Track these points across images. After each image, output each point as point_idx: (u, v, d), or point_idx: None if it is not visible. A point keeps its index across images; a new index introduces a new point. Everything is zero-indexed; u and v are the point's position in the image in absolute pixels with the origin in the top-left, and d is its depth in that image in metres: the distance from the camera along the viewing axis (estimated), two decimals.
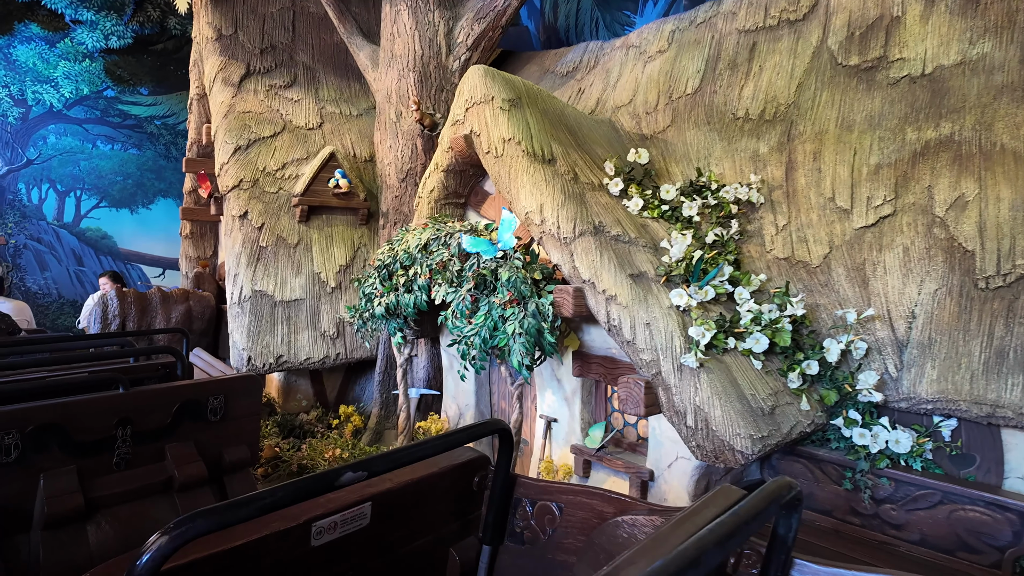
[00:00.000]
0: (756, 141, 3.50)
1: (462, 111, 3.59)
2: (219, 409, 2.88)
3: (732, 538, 1.01)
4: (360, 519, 1.54)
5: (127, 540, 2.47)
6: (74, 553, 2.34)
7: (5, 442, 2.29)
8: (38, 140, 9.09)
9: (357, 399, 5.25)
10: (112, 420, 2.56)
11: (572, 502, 1.82)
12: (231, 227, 4.80)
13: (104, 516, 2.48)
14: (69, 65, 9.18)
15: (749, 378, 2.55)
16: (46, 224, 9.14)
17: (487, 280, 3.09)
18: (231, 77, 5.36)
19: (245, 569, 1.31)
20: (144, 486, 2.61)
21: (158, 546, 1.02)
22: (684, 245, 2.83)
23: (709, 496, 1.38)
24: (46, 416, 2.38)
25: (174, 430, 2.75)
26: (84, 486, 2.44)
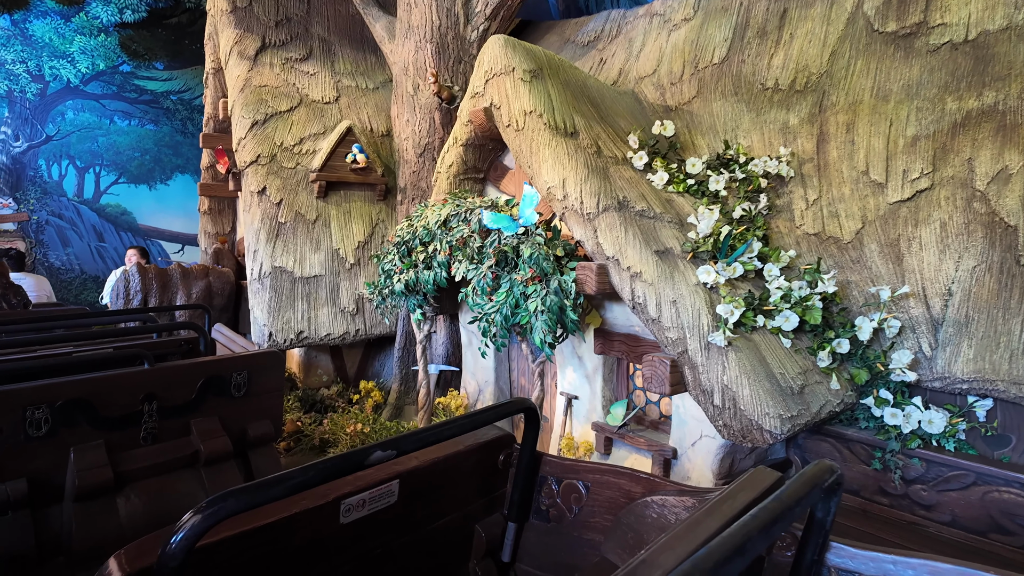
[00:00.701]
0: (786, 112, 3.38)
1: (482, 83, 3.51)
2: (243, 385, 2.88)
3: (776, 524, 0.98)
4: (388, 497, 1.53)
5: (156, 512, 2.52)
6: (105, 524, 2.39)
7: (35, 416, 2.32)
8: (56, 116, 9.12)
9: (377, 375, 5.28)
10: (138, 395, 2.59)
11: (599, 481, 1.80)
12: (250, 203, 4.78)
13: (133, 489, 2.52)
14: (85, 40, 9.15)
15: (778, 356, 2.50)
16: (67, 200, 9.23)
17: (508, 257, 3.05)
18: (246, 50, 5.29)
19: (276, 546, 1.31)
20: (171, 460, 2.65)
21: (191, 524, 1.01)
22: (711, 220, 2.76)
23: (744, 479, 1.34)
24: (74, 391, 2.41)
25: (199, 405, 2.77)
26: (113, 460, 2.47)
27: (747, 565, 0.90)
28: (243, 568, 1.27)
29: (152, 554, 1.13)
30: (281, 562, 1.34)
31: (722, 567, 0.84)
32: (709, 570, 0.82)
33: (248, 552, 1.26)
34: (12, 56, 8.67)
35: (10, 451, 2.27)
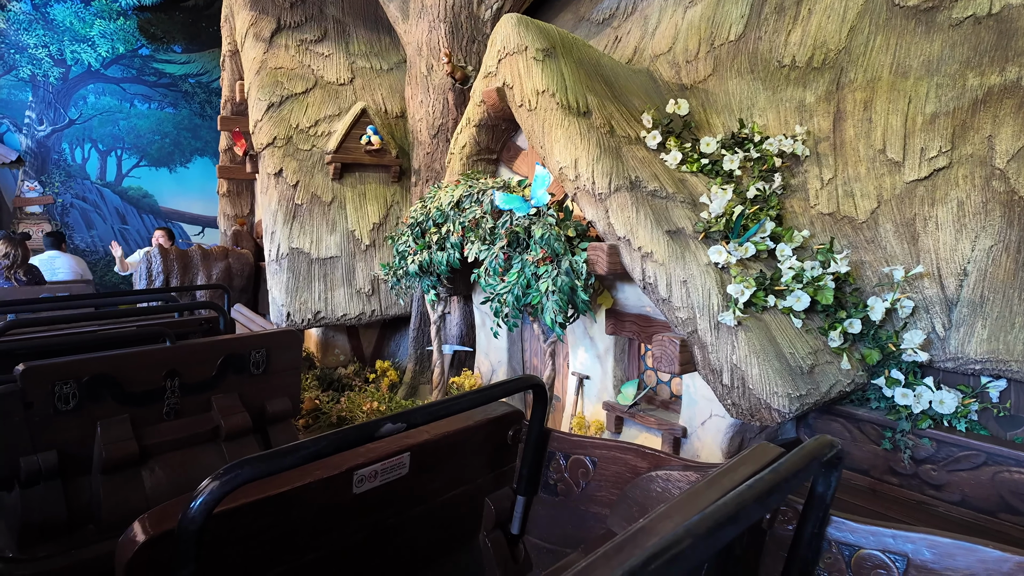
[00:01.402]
0: (802, 90, 3.33)
1: (494, 63, 3.50)
2: (261, 363, 2.96)
3: (772, 495, 1.00)
4: (399, 468, 1.58)
5: (179, 484, 2.61)
6: (131, 496, 2.49)
7: (64, 391, 2.41)
8: (78, 100, 9.26)
9: (392, 354, 5.36)
10: (161, 372, 2.68)
11: (606, 456, 1.83)
12: (267, 185, 4.85)
13: (157, 462, 2.62)
14: (104, 23, 9.24)
15: (788, 336, 2.50)
16: (90, 183, 9.40)
17: (520, 237, 3.07)
18: (262, 32, 5.32)
19: (291, 514, 1.37)
20: (192, 435, 2.73)
21: (210, 491, 1.07)
22: (724, 200, 2.74)
23: (746, 453, 1.37)
24: (100, 367, 2.50)
25: (219, 382, 2.85)
26: (137, 434, 2.57)
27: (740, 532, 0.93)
28: (259, 534, 1.33)
29: (173, 518, 1.19)
30: (296, 529, 1.39)
31: (714, 533, 0.87)
32: (701, 535, 0.85)
33: (264, 519, 1.32)
34: (35, 41, 8.79)
35: (41, 424, 2.38)
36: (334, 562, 1.51)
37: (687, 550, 0.82)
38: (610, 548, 0.98)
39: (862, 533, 1.41)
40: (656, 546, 0.79)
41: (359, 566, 1.59)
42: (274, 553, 1.37)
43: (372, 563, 1.63)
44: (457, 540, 1.89)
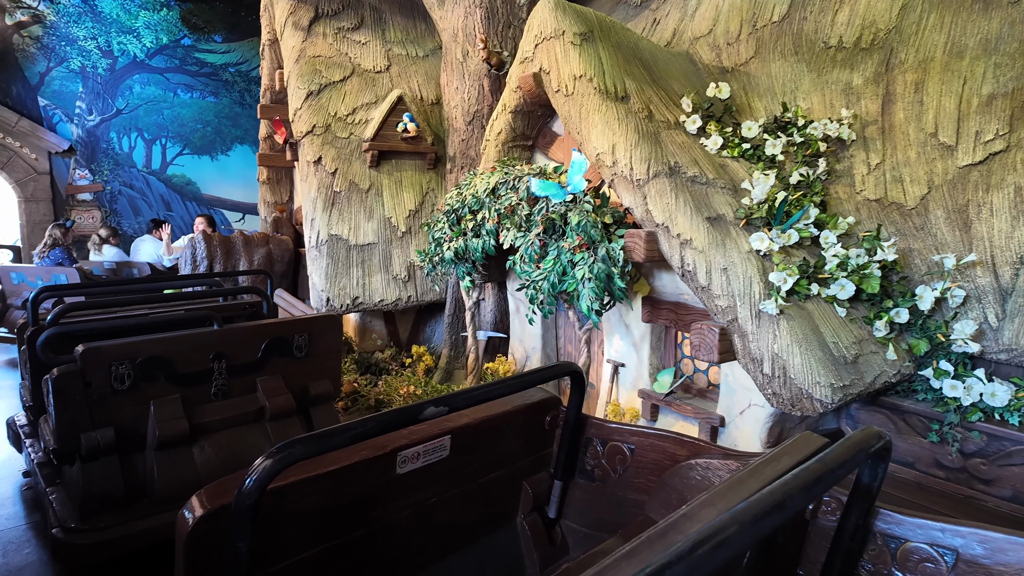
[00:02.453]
0: (849, 72, 3.23)
1: (531, 48, 3.48)
2: (304, 346, 3.05)
3: (818, 484, 1.00)
4: (440, 451, 1.62)
5: (227, 462, 2.73)
6: (183, 472, 2.63)
7: (120, 371, 2.54)
8: (125, 90, 9.55)
9: (427, 339, 5.43)
10: (209, 354, 2.78)
11: (644, 444, 1.83)
12: (307, 173, 4.93)
13: (206, 440, 2.75)
14: (148, 15, 9.48)
15: (832, 325, 2.45)
16: (136, 171, 9.71)
17: (556, 224, 3.06)
18: (301, 21, 5.39)
19: (338, 492, 1.41)
20: (239, 415, 2.85)
21: (263, 468, 1.11)
22: (767, 186, 2.69)
23: (789, 443, 1.36)
24: (153, 349, 2.61)
25: (264, 364, 2.95)
26: (187, 413, 2.69)
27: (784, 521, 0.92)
28: (309, 511, 1.38)
29: (228, 494, 1.24)
30: (342, 507, 1.44)
31: (760, 520, 0.87)
32: (747, 522, 0.85)
33: (313, 497, 1.37)
34: (83, 33, 9.08)
35: (99, 402, 2.51)
36: (378, 539, 1.56)
37: (732, 536, 0.83)
38: (654, 533, 0.98)
39: (909, 526, 1.38)
40: (702, 532, 0.80)
41: (402, 544, 1.63)
42: (322, 529, 1.42)
43: (414, 541, 1.67)
44: (495, 521, 1.92)
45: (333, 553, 1.46)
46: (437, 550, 1.76)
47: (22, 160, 8.75)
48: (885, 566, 1.39)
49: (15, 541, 2.87)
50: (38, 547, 2.84)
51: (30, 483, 3.39)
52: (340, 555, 1.47)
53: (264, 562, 1.32)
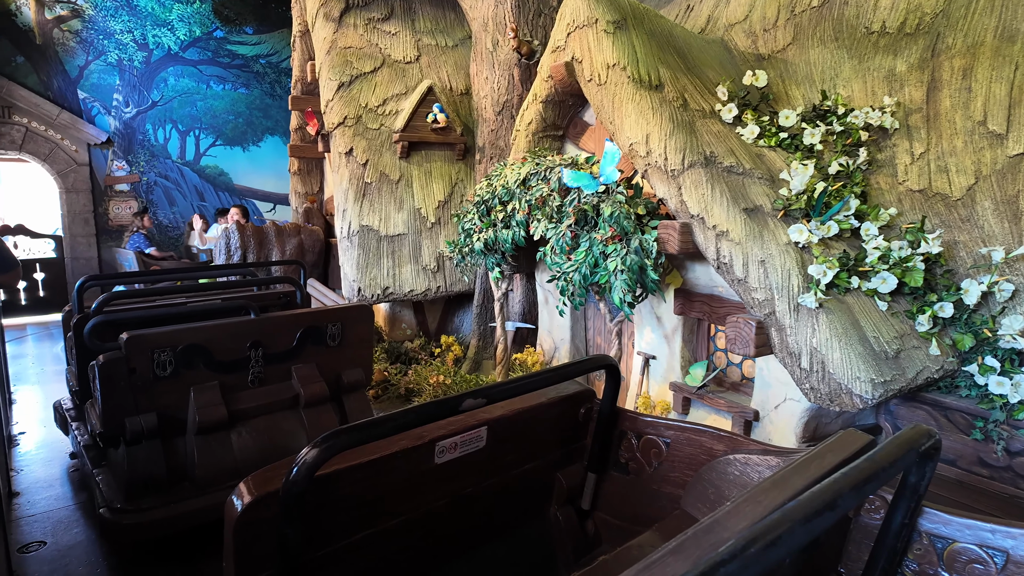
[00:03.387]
0: (893, 58, 3.13)
1: (563, 36, 3.45)
2: (337, 335, 3.10)
3: (868, 483, 0.98)
4: (477, 441, 1.63)
5: (264, 448, 2.81)
6: (222, 456, 2.71)
7: (161, 359, 2.62)
8: (160, 82, 9.73)
9: (456, 330, 5.46)
10: (246, 342, 2.84)
11: (679, 438, 1.82)
12: (338, 164, 4.98)
13: (244, 426, 2.82)
14: (182, 8, 9.63)
15: (873, 320, 2.39)
16: (171, 162, 9.91)
17: (588, 216, 3.04)
18: (332, 12, 5.42)
19: (379, 480, 1.44)
20: (275, 402, 2.92)
21: (310, 457, 1.14)
22: (806, 176, 2.63)
23: (833, 440, 1.34)
24: (193, 337, 2.68)
25: (298, 353, 3.01)
26: (226, 399, 2.76)
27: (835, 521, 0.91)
28: (351, 498, 1.40)
29: (274, 481, 1.27)
30: (383, 495, 1.47)
31: (811, 520, 0.86)
32: (799, 520, 0.84)
33: (356, 484, 1.39)
34: (120, 26, 9.27)
35: (142, 388, 2.59)
36: (417, 527, 1.58)
37: (784, 535, 0.82)
38: (699, 529, 0.98)
39: (957, 526, 1.35)
40: (754, 530, 0.79)
41: (440, 532, 1.66)
42: (364, 516, 1.44)
43: (451, 530, 1.69)
44: (529, 512, 1.94)
45: (374, 539, 1.48)
46: (473, 538, 1.78)
47: (63, 152, 9.01)
48: (931, 566, 1.36)
49: (64, 521, 2.99)
50: (86, 527, 2.96)
51: (77, 465, 3.54)
52: (380, 541, 1.50)
53: (309, 547, 1.35)
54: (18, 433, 4.16)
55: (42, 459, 3.73)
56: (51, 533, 2.87)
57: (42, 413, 4.55)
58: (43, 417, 4.47)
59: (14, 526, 2.92)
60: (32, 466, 3.62)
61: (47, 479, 3.45)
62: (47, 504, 3.15)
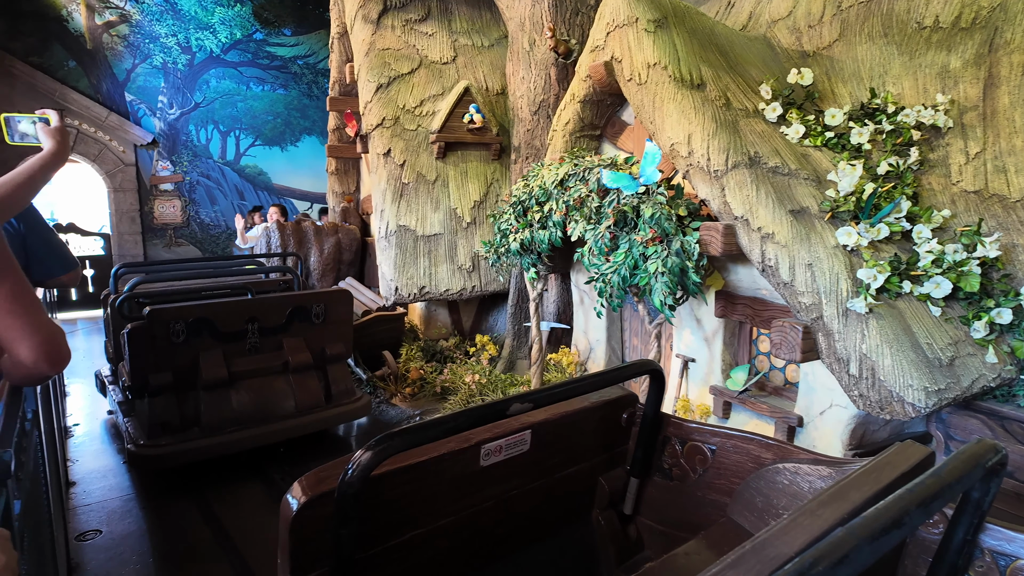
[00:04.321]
0: (946, 54, 3.02)
1: (602, 36, 3.43)
2: (321, 314, 3.75)
3: (935, 500, 0.95)
4: (521, 445, 1.64)
5: (257, 403, 3.50)
6: (223, 408, 3.41)
7: (176, 328, 3.30)
8: (202, 84, 10.00)
9: (490, 329, 5.49)
10: (244, 317, 3.51)
11: (726, 445, 1.80)
12: (376, 164, 5.05)
13: (241, 385, 3.50)
14: (223, 11, 9.87)
15: (925, 326, 2.32)
16: (213, 162, 10.18)
17: (627, 217, 3.02)
18: (370, 14, 5.49)
19: (427, 482, 1.45)
20: (268, 367, 3.57)
21: (365, 459, 1.16)
22: (854, 177, 2.56)
23: (891, 452, 1.30)
24: (201, 312, 3.36)
25: (288, 328, 3.66)
26: (227, 363, 3.42)
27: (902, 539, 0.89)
28: (402, 499, 1.42)
29: (328, 481, 1.30)
30: (432, 495, 1.48)
31: (878, 538, 0.84)
32: (865, 538, 0.82)
33: (406, 485, 1.41)
34: (165, 30, 9.55)
35: (161, 351, 3.28)
36: (463, 528, 1.60)
37: (852, 554, 0.80)
38: (758, 542, 0.96)
39: (1021, 543, 1.31)
40: (821, 548, 0.78)
41: (484, 533, 1.67)
42: (412, 517, 1.47)
43: (495, 531, 1.70)
44: (572, 515, 1.93)
45: (421, 540, 1.50)
46: (516, 541, 1.79)
47: (111, 153, 9.33)
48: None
49: (117, 511, 3.13)
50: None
51: (112, 419, 4.34)
52: (428, 542, 1.52)
53: (360, 546, 1.37)
54: (72, 425, 4.33)
55: (95, 451, 3.89)
56: (106, 522, 2.99)
57: (94, 406, 4.73)
58: (95, 410, 4.65)
59: (72, 515, 3.04)
60: (86, 457, 3.78)
61: (100, 469, 3.59)
62: (102, 494, 3.27)
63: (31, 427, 1.77)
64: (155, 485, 3.39)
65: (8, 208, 1.76)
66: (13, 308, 1.22)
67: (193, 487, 3.34)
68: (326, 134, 7.40)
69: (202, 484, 3.34)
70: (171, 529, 2.94)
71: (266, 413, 3.48)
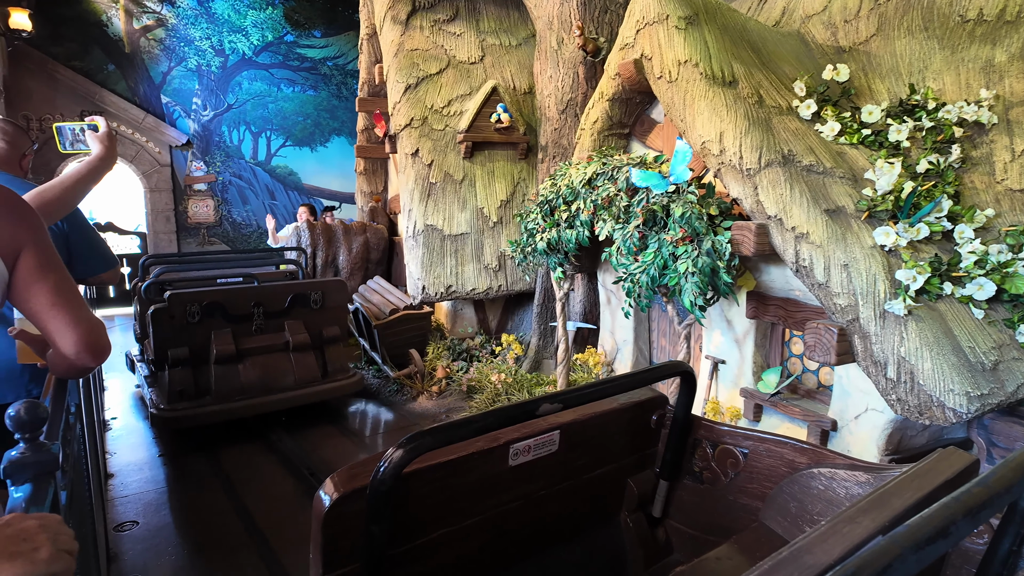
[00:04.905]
0: (991, 48, 2.92)
1: (632, 34, 3.39)
2: (319, 301, 4.28)
3: (984, 509, 0.92)
4: (550, 445, 1.63)
5: (261, 376, 4.06)
6: (231, 380, 3.98)
7: (191, 310, 3.86)
8: (235, 86, 10.19)
9: (515, 328, 5.49)
10: (251, 302, 4.07)
11: (758, 448, 1.77)
12: (404, 164, 5.08)
13: (248, 361, 4.06)
14: (256, 14, 10.05)
15: (967, 329, 2.25)
16: (244, 162, 10.37)
17: (657, 216, 2.99)
18: (399, 15, 5.53)
19: (456, 480, 1.46)
20: (271, 345, 4.14)
21: (397, 457, 1.17)
22: (892, 176, 2.49)
23: (933, 459, 1.27)
24: (213, 297, 3.94)
25: (289, 312, 4.21)
26: (236, 342, 3.99)
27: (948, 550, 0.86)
28: (431, 496, 1.43)
29: (360, 478, 1.31)
30: (460, 494, 1.49)
31: (924, 547, 0.81)
32: (909, 548, 0.80)
33: (435, 483, 1.42)
34: (199, 34, 9.76)
35: (179, 329, 3.85)
36: (491, 527, 1.60)
37: (896, 564, 0.78)
38: (795, 549, 0.95)
39: None
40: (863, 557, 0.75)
41: (512, 532, 1.67)
42: (441, 515, 1.47)
43: (524, 532, 1.70)
44: (600, 517, 1.92)
45: (450, 537, 1.51)
46: (544, 541, 1.79)
47: (148, 154, 9.58)
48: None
49: (153, 503, 3.21)
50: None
51: (139, 391, 4.89)
52: (456, 540, 1.52)
53: (391, 543, 1.38)
54: (110, 418, 4.46)
55: (132, 444, 4.00)
56: (142, 514, 3.07)
57: (131, 400, 4.87)
58: (132, 404, 4.78)
59: (110, 506, 3.13)
60: (123, 450, 3.88)
61: (137, 462, 3.69)
62: (138, 486, 3.36)
63: (74, 420, 1.82)
64: (185, 476, 3.49)
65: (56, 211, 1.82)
66: (57, 302, 1.27)
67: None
68: (355, 135, 7.48)
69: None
70: (203, 521, 3.01)
71: (269, 385, 4.02)
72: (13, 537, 0.76)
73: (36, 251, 1.26)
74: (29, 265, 1.25)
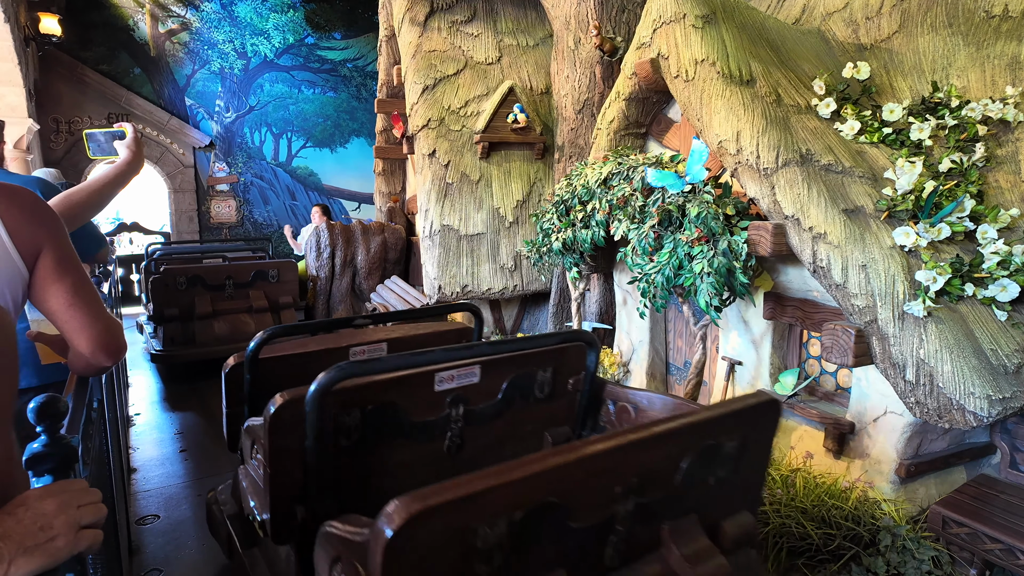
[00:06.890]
0: (1017, 44, 2.86)
1: (649, 33, 3.38)
2: (276, 276, 5.61)
3: None
4: (471, 376, 1.83)
5: (231, 330, 5.29)
6: (209, 332, 5.29)
7: (179, 280, 5.24)
8: (256, 88, 10.35)
9: (531, 328, 5.49)
10: (224, 276, 5.43)
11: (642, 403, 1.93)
12: (422, 165, 5.12)
13: (221, 318, 5.35)
14: (277, 17, 10.20)
15: (990, 331, 2.20)
16: (266, 163, 10.52)
17: (673, 216, 2.97)
18: (417, 16, 5.57)
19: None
20: (238, 307, 5.44)
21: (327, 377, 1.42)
22: (913, 175, 2.45)
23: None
24: (195, 271, 5.33)
25: (253, 283, 5.56)
26: (213, 304, 5.33)
27: None
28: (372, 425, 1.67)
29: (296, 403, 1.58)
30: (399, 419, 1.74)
31: None
32: None
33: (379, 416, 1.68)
34: (222, 37, 9.94)
35: (171, 295, 5.21)
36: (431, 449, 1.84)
37: None
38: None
39: None
40: None
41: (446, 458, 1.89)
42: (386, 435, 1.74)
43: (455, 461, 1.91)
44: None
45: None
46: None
47: (172, 155, 9.77)
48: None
49: (175, 497, 3.27)
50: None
51: (146, 347, 5.86)
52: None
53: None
54: (134, 414, 4.56)
55: (155, 440, 4.08)
56: (164, 508, 3.14)
57: (154, 396, 4.97)
58: (156, 400, 4.88)
59: (133, 500, 3.21)
60: (146, 445, 3.97)
61: (159, 458, 3.77)
62: (160, 481, 3.44)
63: (97, 416, 1.87)
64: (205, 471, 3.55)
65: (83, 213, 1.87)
66: (74, 302, 1.30)
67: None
68: (374, 136, 7.55)
69: None
70: None
71: (237, 336, 5.20)
72: (30, 527, 0.78)
73: (55, 251, 1.29)
74: (48, 265, 1.28)
